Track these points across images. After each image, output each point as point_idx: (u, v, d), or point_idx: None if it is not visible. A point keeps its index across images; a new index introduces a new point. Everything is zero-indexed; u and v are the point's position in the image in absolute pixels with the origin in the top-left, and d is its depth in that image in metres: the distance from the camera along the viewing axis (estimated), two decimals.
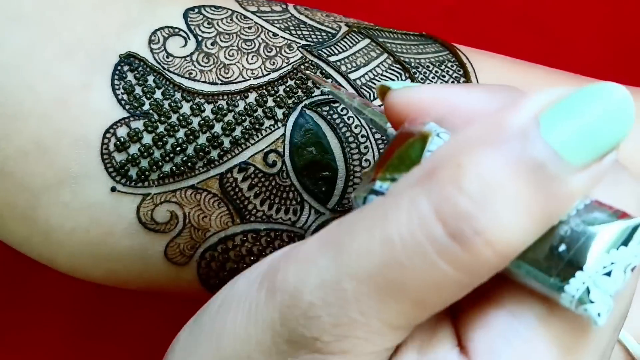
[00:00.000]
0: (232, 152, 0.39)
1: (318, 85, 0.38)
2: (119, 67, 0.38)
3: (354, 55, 0.40)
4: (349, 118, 0.39)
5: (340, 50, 0.40)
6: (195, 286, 0.41)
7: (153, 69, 0.39)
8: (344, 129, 0.39)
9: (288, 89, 0.39)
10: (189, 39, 0.39)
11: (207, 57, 0.39)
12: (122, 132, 0.38)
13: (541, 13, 0.50)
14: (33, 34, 0.38)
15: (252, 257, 0.40)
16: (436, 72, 0.40)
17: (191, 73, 0.39)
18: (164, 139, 0.38)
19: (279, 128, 0.39)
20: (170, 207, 0.39)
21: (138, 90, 0.38)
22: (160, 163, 0.38)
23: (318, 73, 0.39)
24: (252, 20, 0.40)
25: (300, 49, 0.40)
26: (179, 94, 0.39)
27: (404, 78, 0.40)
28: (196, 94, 0.39)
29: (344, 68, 0.40)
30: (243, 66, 0.39)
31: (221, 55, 0.39)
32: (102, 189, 0.39)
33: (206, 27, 0.40)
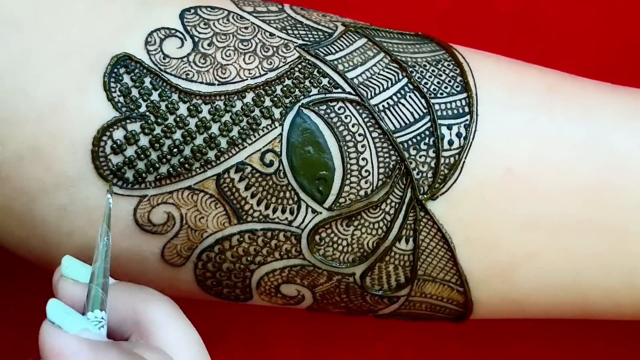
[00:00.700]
0: (229, 152, 0.38)
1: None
2: (115, 69, 0.38)
3: (351, 55, 0.40)
4: (346, 117, 0.39)
5: (337, 49, 0.40)
6: (192, 287, 0.41)
7: (150, 71, 0.38)
8: (341, 127, 0.39)
9: (285, 89, 0.39)
10: (186, 40, 0.39)
11: (203, 57, 0.39)
12: (119, 134, 0.38)
13: (536, 15, 0.50)
14: (28, 38, 0.37)
15: (249, 258, 0.40)
16: (433, 71, 0.40)
17: (188, 74, 0.39)
18: (161, 141, 0.38)
19: (276, 128, 0.39)
20: (167, 208, 0.39)
21: (134, 92, 0.38)
22: (157, 165, 0.38)
23: (315, 72, 0.39)
24: (249, 20, 0.40)
25: (297, 48, 0.40)
26: (176, 95, 0.38)
27: (400, 77, 0.40)
28: (193, 94, 0.38)
29: (340, 67, 0.39)
30: (240, 66, 0.39)
31: (218, 55, 0.39)
32: (99, 191, 0.38)
33: (202, 28, 0.39)
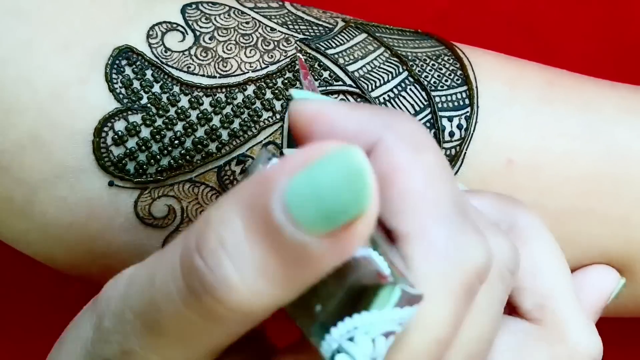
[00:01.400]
0: (230, 144, 0.38)
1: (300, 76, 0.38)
2: (117, 61, 0.38)
3: (352, 49, 0.40)
4: None
5: (338, 43, 0.40)
6: None
7: (151, 63, 0.39)
8: None
9: (286, 81, 0.39)
10: (187, 34, 0.39)
11: (205, 51, 0.39)
12: (120, 125, 0.38)
13: (534, 16, 0.51)
14: (30, 28, 0.38)
15: None
16: (433, 65, 0.40)
17: (189, 67, 0.39)
18: (162, 133, 0.38)
19: (277, 120, 0.39)
20: (168, 201, 0.39)
21: (136, 84, 0.38)
22: (158, 157, 0.38)
23: (316, 66, 0.39)
24: (250, 15, 0.40)
25: (298, 42, 0.40)
26: (177, 88, 0.39)
27: (401, 70, 0.40)
28: (194, 87, 0.39)
29: (341, 60, 0.40)
30: (241, 59, 0.39)
31: (219, 49, 0.39)
32: (100, 183, 0.38)
33: (204, 22, 0.40)
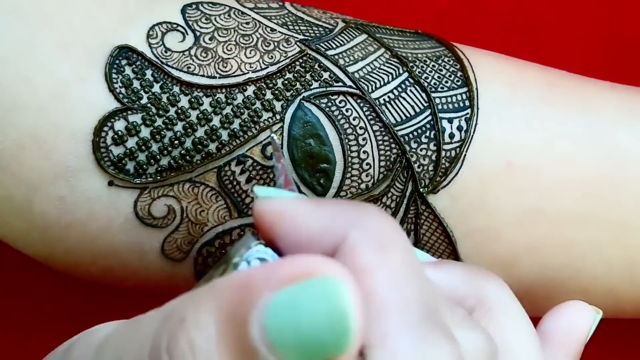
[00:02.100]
0: (230, 145, 0.38)
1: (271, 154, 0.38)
2: (117, 61, 0.38)
3: (352, 50, 0.40)
4: (347, 110, 0.39)
5: (338, 44, 0.40)
6: (192, 283, 0.41)
7: (151, 63, 0.39)
8: (342, 121, 0.39)
9: (286, 82, 0.39)
10: (187, 34, 0.39)
11: (205, 51, 0.39)
12: (120, 125, 0.38)
13: (532, 16, 0.51)
14: (30, 27, 0.38)
15: None
16: (433, 66, 0.40)
17: (189, 67, 0.39)
18: (162, 133, 0.38)
19: (277, 120, 0.39)
20: (168, 201, 0.39)
21: (136, 84, 0.38)
22: (158, 157, 0.38)
23: (316, 66, 0.39)
24: (250, 16, 0.40)
25: (298, 43, 0.40)
26: (177, 88, 0.38)
27: (401, 72, 0.40)
28: (194, 87, 0.39)
29: (341, 61, 0.40)
30: (241, 60, 0.39)
31: (219, 49, 0.39)
32: (99, 183, 0.38)
33: (204, 23, 0.40)
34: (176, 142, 0.38)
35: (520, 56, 0.43)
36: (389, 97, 0.39)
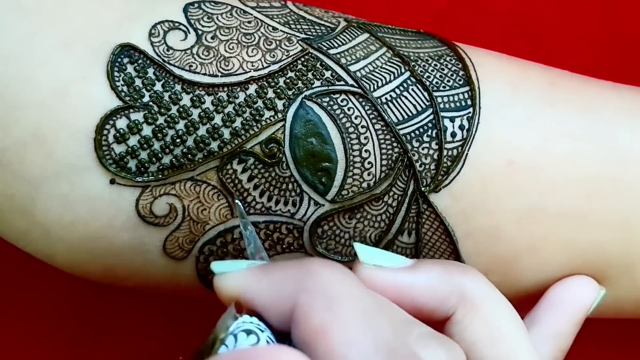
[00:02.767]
0: (232, 143, 0.38)
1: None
2: (119, 59, 0.38)
3: (354, 49, 0.40)
4: (349, 109, 0.39)
5: (340, 43, 0.40)
6: (193, 282, 0.41)
7: (153, 61, 0.39)
8: (344, 119, 0.39)
9: (288, 81, 0.39)
10: (189, 33, 0.39)
11: (207, 50, 0.39)
12: (122, 123, 0.38)
13: (533, 16, 0.51)
14: (32, 24, 0.38)
15: None
16: (435, 65, 0.40)
17: (191, 65, 0.39)
18: (164, 131, 0.38)
19: (279, 119, 0.39)
20: (170, 199, 0.39)
21: (138, 82, 0.38)
22: (160, 155, 0.38)
23: (318, 65, 0.39)
24: (252, 15, 0.40)
25: (300, 42, 0.40)
26: (179, 86, 0.39)
27: (403, 71, 0.40)
28: (196, 85, 0.39)
29: (343, 60, 0.40)
30: (243, 59, 0.39)
31: (221, 48, 0.39)
32: (101, 181, 0.38)
33: (206, 22, 0.40)
34: (178, 140, 0.38)
35: (521, 56, 0.43)
36: (390, 96, 0.39)
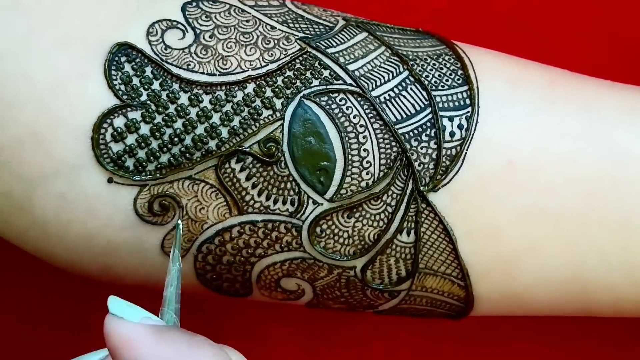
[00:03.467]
0: (230, 142, 0.38)
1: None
2: (116, 58, 0.38)
3: (352, 48, 0.40)
4: (347, 108, 0.39)
5: (338, 42, 0.40)
6: (191, 281, 0.41)
7: (151, 60, 0.38)
8: (343, 118, 0.39)
9: (286, 80, 0.39)
10: (187, 32, 0.39)
11: (205, 49, 0.39)
12: (119, 122, 0.38)
13: (532, 15, 0.51)
14: (29, 23, 0.37)
15: (249, 250, 0.39)
16: (434, 64, 0.40)
17: (189, 64, 0.39)
18: (162, 130, 0.38)
19: (277, 118, 0.39)
20: (168, 198, 0.39)
21: (135, 81, 0.38)
22: (158, 154, 0.38)
23: (316, 64, 0.39)
24: (250, 13, 0.40)
25: (299, 40, 0.40)
26: (177, 85, 0.38)
27: (401, 70, 0.40)
28: (194, 84, 0.38)
29: (342, 59, 0.39)
30: (241, 58, 0.39)
31: (219, 47, 0.39)
32: (99, 180, 0.38)
33: (204, 20, 0.40)
34: (176, 139, 0.38)
35: (520, 55, 0.43)
36: (389, 95, 0.39)
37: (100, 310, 0.48)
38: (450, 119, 0.39)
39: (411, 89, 0.40)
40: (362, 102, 0.39)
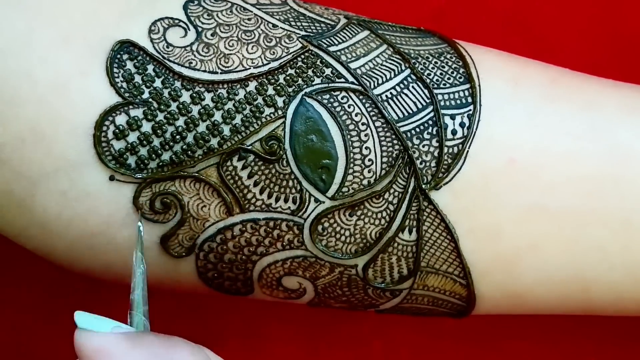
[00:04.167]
0: (232, 140, 0.38)
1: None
2: (118, 55, 0.38)
3: (354, 46, 0.40)
4: (349, 106, 0.39)
5: (340, 40, 0.40)
6: (192, 280, 0.41)
7: (153, 58, 0.38)
8: (344, 116, 0.39)
9: (288, 78, 0.39)
10: (189, 30, 0.39)
11: (207, 47, 0.39)
12: (121, 120, 0.38)
13: (532, 14, 0.51)
14: (31, 20, 0.37)
15: (251, 248, 0.39)
16: (435, 62, 0.40)
17: (191, 62, 0.39)
18: (164, 127, 0.38)
19: (279, 116, 0.39)
20: (169, 196, 0.39)
21: (137, 78, 0.38)
22: (160, 151, 0.38)
23: (318, 62, 0.39)
24: (252, 12, 0.40)
25: (300, 39, 0.40)
26: (179, 83, 0.38)
27: (403, 68, 0.40)
28: (196, 82, 0.38)
29: (344, 57, 0.40)
30: (243, 56, 0.39)
31: (221, 45, 0.39)
32: (101, 177, 0.38)
33: (206, 19, 0.40)
34: (177, 137, 0.38)
35: (521, 54, 0.43)
36: (391, 93, 0.39)
37: (100, 310, 0.48)
38: (452, 117, 0.39)
39: (413, 87, 0.40)
40: (364, 100, 0.39)
